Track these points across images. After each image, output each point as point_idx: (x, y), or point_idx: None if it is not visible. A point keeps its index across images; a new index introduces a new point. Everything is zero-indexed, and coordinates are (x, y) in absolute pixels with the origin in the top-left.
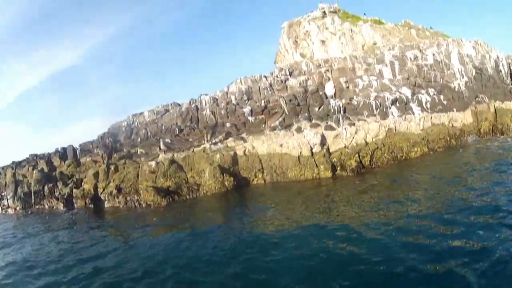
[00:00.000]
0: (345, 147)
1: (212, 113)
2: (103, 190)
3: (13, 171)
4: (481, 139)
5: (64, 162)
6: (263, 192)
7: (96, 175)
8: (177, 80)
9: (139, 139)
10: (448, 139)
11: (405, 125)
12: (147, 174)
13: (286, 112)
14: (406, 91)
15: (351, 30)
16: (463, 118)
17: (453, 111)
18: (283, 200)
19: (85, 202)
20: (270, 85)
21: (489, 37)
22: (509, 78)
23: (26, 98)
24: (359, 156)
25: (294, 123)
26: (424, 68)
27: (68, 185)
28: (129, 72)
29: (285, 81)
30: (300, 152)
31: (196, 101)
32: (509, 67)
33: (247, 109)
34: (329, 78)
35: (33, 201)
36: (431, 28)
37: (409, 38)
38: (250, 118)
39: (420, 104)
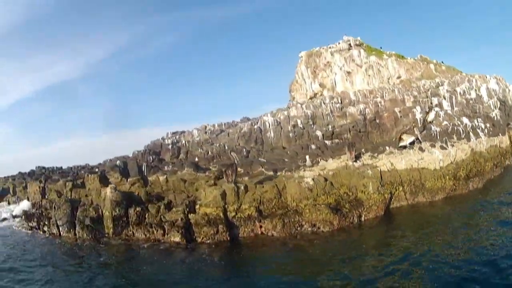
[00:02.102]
0: (451, 163)
1: (276, 136)
2: (235, 213)
3: (41, 184)
4: None
5: (126, 180)
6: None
7: (223, 196)
8: (174, 101)
9: (196, 158)
10: (501, 157)
11: (479, 146)
12: (306, 192)
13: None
14: (466, 120)
15: (378, 64)
16: (505, 141)
17: (499, 135)
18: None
19: (214, 231)
20: (331, 111)
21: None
22: None
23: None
24: (465, 169)
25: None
26: (470, 101)
27: (160, 208)
28: (124, 90)
29: (342, 108)
30: (435, 167)
31: (257, 123)
32: None
33: (319, 133)
34: (385, 108)
35: (110, 229)
36: (442, 62)
37: (429, 73)
38: (327, 142)
39: (482, 130)
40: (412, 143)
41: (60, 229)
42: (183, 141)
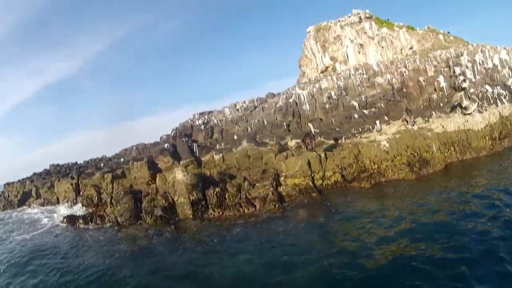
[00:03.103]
0: (486, 125)
1: (311, 108)
2: (322, 181)
3: (73, 181)
4: None
5: (179, 162)
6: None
7: (309, 165)
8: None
9: (234, 136)
10: None
11: (504, 111)
12: (384, 154)
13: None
14: (489, 88)
15: (390, 35)
16: None
17: None
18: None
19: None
20: (360, 82)
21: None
22: None
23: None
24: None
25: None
26: (488, 71)
27: (242, 186)
28: (125, 82)
29: (369, 79)
30: (478, 128)
31: (291, 96)
32: None
33: (355, 103)
34: (409, 77)
35: (190, 216)
36: (448, 33)
37: (439, 43)
38: (365, 111)
39: (504, 97)
40: (464, 108)
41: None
42: (215, 121)
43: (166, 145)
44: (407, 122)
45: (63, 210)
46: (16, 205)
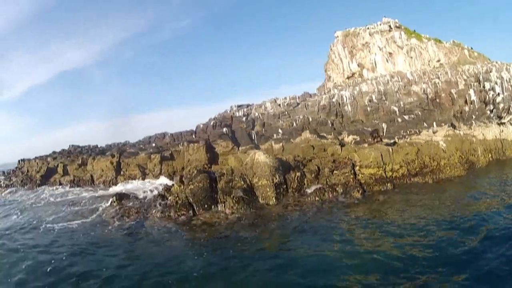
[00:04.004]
0: None
1: (353, 109)
2: (392, 173)
3: (114, 159)
4: None
5: (238, 148)
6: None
7: (381, 157)
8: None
9: (279, 129)
10: None
11: None
12: (442, 153)
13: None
14: None
15: (419, 46)
16: None
17: None
18: None
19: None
20: (398, 89)
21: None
22: None
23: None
24: None
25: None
26: None
27: (320, 172)
28: (136, 75)
29: (405, 86)
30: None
31: (334, 96)
32: None
33: (395, 108)
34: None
35: (272, 199)
36: (472, 48)
37: (464, 58)
38: (405, 117)
39: None
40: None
41: (195, 208)
42: (256, 114)
43: (225, 129)
44: (454, 127)
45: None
46: (39, 182)
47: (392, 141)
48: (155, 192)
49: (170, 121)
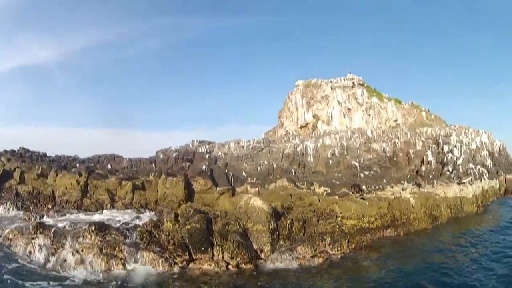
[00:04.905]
0: (473, 195)
1: (315, 160)
2: (368, 224)
3: (82, 178)
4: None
5: (216, 188)
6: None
7: (361, 210)
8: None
9: (243, 172)
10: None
11: (485, 186)
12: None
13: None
14: (472, 166)
15: (379, 105)
16: (497, 184)
17: (494, 179)
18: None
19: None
20: (359, 145)
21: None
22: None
23: None
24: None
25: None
26: (472, 151)
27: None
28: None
29: (365, 143)
30: (469, 196)
31: (299, 146)
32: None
33: (356, 164)
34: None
35: (267, 246)
36: (428, 110)
37: (421, 120)
38: (365, 172)
39: (485, 174)
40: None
41: (192, 250)
42: (219, 153)
43: (204, 167)
44: (419, 185)
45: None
46: None
47: (355, 195)
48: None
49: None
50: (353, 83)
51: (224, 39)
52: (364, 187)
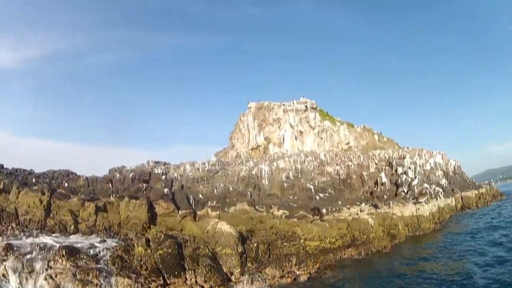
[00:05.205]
0: (430, 213)
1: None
2: (330, 245)
3: (44, 197)
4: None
5: (178, 211)
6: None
7: (322, 231)
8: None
9: (199, 194)
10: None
11: (441, 204)
12: (370, 228)
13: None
14: (427, 186)
15: (331, 129)
16: (452, 201)
17: (449, 197)
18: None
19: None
20: (313, 168)
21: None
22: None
23: None
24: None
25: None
26: (426, 172)
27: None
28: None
29: (318, 166)
30: (426, 214)
31: (254, 169)
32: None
33: (311, 186)
34: (354, 171)
35: (237, 269)
36: (381, 133)
37: (373, 143)
38: (320, 195)
39: (440, 193)
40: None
41: (165, 275)
42: (175, 174)
43: (166, 190)
44: (376, 206)
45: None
46: None
47: (315, 217)
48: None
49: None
50: (306, 106)
51: (177, 58)
52: (324, 210)
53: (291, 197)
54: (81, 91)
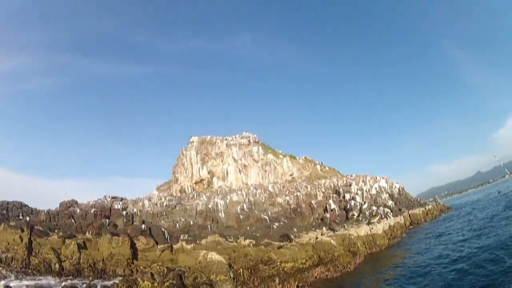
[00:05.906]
0: (382, 231)
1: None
2: (294, 264)
3: (25, 234)
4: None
5: (157, 245)
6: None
7: (291, 254)
8: None
9: (162, 228)
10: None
11: (391, 222)
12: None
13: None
14: (375, 208)
15: (275, 162)
16: (401, 220)
17: (398, 216)
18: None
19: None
20: (265, 199)
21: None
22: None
23: None
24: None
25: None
26: (373, 196)
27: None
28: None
29: (269, 198)
30: (379, 232)
31: (210, 203)
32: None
33: (266, 217)
34: (303, 200)
35: None
36: (322, 163)
37: (316, 173)
38: (276, 224)
39: (388, 214)
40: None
41: None
42: (135, 210)
43: (143, 226)
44: (333, 230)
45: None
46: None
47: (282, 243)
48: None
49: None
50: (249, 141)
51: (117, 89)
52: (292, 236)
53: (248, 228)
54: (23, 114)
